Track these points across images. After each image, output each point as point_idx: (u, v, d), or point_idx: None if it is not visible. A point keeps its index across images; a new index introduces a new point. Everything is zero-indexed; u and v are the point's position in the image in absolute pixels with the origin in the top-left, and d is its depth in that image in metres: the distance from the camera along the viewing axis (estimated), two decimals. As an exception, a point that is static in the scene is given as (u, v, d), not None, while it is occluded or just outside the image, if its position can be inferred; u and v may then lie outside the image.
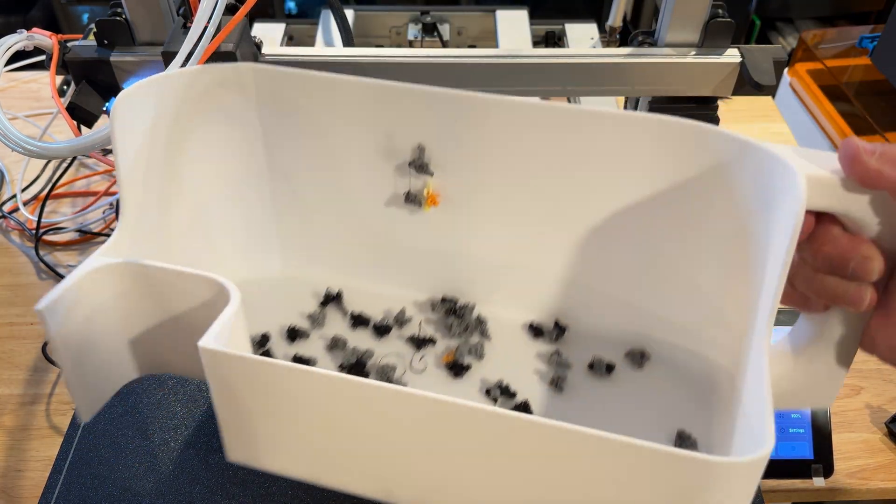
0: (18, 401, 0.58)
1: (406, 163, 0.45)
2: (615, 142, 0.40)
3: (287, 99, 0.44)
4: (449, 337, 0.48)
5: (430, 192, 0.45)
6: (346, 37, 0.77)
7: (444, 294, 0.50)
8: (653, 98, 0.67)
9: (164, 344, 0.40)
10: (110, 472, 0.45)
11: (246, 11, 0.51)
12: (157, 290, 0.37)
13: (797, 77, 1.26)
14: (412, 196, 0.46)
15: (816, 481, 0.53)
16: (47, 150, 0.52)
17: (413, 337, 0.47)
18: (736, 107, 0.88)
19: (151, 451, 0.46)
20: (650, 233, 0.43)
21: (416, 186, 0.46)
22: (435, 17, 0.84)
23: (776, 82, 0.60)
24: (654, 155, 0.40)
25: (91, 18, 1.40)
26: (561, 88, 0.64)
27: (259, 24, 0.83)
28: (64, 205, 0.77)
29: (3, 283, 0.68)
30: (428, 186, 0.45)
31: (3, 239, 0.73)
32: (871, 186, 0.31)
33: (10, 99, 0.90)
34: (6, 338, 0.64)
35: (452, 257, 0.48)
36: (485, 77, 0.63)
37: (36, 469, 0.53)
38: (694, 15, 0.61)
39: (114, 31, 0.59)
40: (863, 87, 1.22)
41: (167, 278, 0.37)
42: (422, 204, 0.46)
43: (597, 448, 0.28)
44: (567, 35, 0.84)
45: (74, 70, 0.60)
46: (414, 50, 0.69)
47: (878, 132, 1.11)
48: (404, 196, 0.46)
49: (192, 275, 0.36)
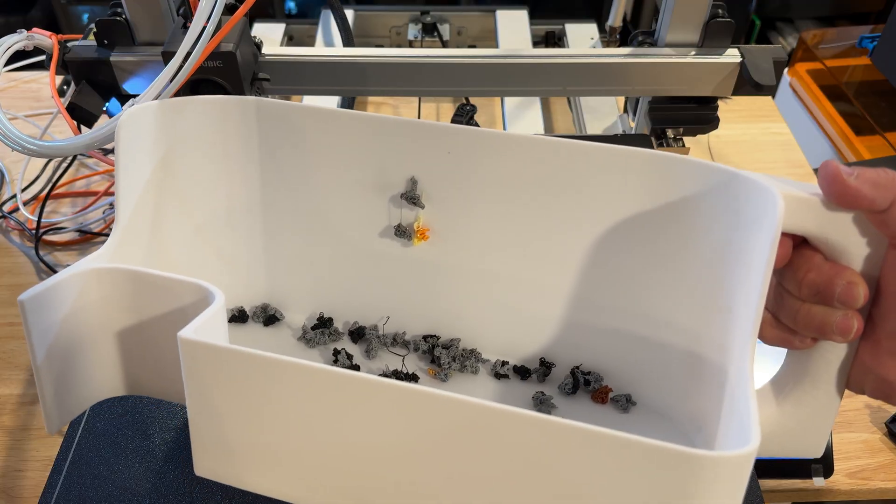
0: (18, 401, 0.58)
1: (397, 195, 0.45)
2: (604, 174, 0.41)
3: (284, 130, 0.45)
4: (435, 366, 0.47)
5: (419, 227, 0.46)
6: (346, 37, 0.77)
7: (430, 331, 0.49)
8: (653, 98, 0.67)
9: (143, 360, 0.39)
10: (110, 472, 0.45)
11: (245, 11, 0.51)
12: (141, 298, 0.37)
13: (797, 77, 1.26)
14: (402, 230, 0.46)
15: (816, 481, 0.53)
16: (47, 149, 0.52)
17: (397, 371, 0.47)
18: (736, 107, 0.88)
19: (151, 451, 0.46)
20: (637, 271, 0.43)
21: (406, 219, 0.46)
22: (435, 17, 0.84)
23: (776, 82, 0.60)
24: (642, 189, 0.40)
25: (91, 18, 1.40)
26: (561, 88, 0.64)
27: (259, 24, 0.83)
28: (64, 205, 0.77)
29: (3, 283, 0.68)
30: (418, 220, 0.45)
31: (3, 239, 0.73)
32: (849, 206, 0.31)
33: (10, 99, 0.90)
34: (6, 338, 0.64)
35: (440, 295, 0.48)
36: (485, 77, 0.63)
37: (36, 469, 0.53)
38: (694, 15, 0.61)
39: (114, 31, 0.59)
40: (863, 87, 1.22)
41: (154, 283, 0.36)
42: (411, 237, 0.46)
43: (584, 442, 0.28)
44: (567, 35, 0.85)
45: (74, 70, 0.60)
46: (414, 50, 0.69)
47: (878, 132, 1.11)
48: (394, 229, 0.46)
49: (179, 280, 0.36)
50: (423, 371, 0.47)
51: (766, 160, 0.82)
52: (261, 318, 0.49)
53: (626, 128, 0.76)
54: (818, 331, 0.33)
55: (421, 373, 0.47)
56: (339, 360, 0.47)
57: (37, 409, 0.58)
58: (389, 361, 0.48)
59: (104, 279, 0.37)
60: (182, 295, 0.36)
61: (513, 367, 0.47)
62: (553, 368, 0.47)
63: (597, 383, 0.46)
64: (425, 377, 0.47)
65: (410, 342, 0.49)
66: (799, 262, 0.33)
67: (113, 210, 0.75)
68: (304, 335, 0.48)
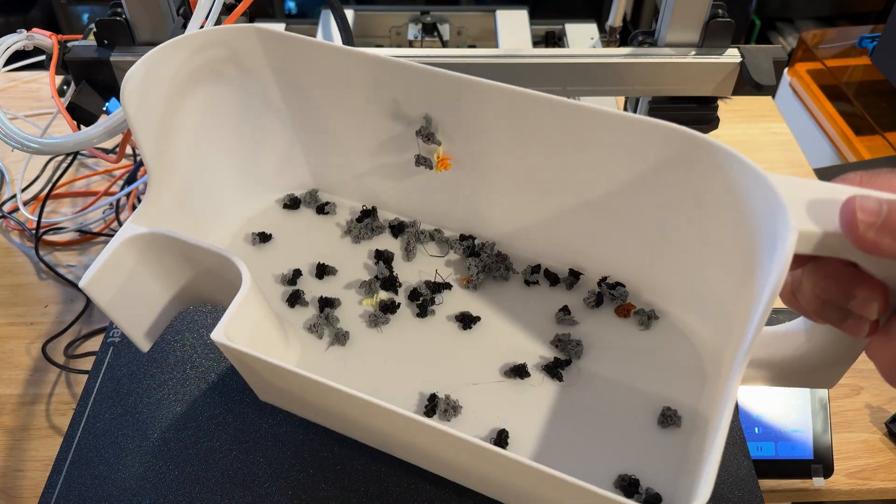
0: (18, 401, 0.58)
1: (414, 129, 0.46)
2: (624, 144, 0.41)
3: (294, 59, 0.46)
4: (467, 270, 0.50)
5: (440, 156, 0.46)
6: (346, 37, 0.77)
7: (467, 231, 0.51)
8: (653, 98, 0.67)
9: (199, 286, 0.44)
10: (110, 472, 0.45)
11: (243, 10, 0.51)
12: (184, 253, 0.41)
13: (797, 77, 1.26)
14: (422, 159, 0.47)
15: (816, 481, 0.53)
16: (48, 147, 0.52)
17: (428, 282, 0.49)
18: (736, 107, 0.88)
19: (151, 451, 0.46)
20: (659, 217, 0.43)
21: (425, 150, 0.47)
22: (435, 17, 0.84)
23: (776, 82, 0.60)
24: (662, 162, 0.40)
25: (91, 18, 1.40)
26: (561, 88, 0.64)
27: (259, 24, 0.83)
28: (64, 205, 0.77)
29: (3, 283, 0.68)
30: (438, 150, 0.46)
31: (3, 239, 0.73)
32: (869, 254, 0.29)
33: (10, 99, 0.90)
34: (6, 338, 0.64)
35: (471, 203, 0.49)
36: (485, 77, 0.63)
37: (36, 469, 0.53)
38: (694, 15, 0.61)
39: (114, 31, 0.59)
40: (863, 87, 1.22)
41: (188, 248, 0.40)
42: (433, 167, 0.47)
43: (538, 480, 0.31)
44: (567, 35, 0.84)
45: (74, 70, 0.60)
46: (414, 50, 0.69)
47: (878, 132, 1.11)
48: (415, 159, 0.47)
49: (209, 250, 0.39)
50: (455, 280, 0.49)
51: (766, 160, 0.82)
52: (312, 204, 0.53)
53: (626, 128, 0.76)
54: (830, 322, 0.33)
55: (454, 281, 0.49)
56: (378, 266, 0.49)
57: (37, 409, 0.58)
58: (425, 265, 0.50)
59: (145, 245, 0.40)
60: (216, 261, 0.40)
61: (544, 272, 0.49)
62: (581, 276, 0.48)
63: (621, 299, 0.47)
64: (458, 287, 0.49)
65: (448, 240, 0.51)
66: (822, 262, 0.32)
67: (113, 210, 0.75)
68: (350, 231, 0.52)
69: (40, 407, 0.58)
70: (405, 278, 0.50)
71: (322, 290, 0.49)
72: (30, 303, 0.67)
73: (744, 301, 0.37)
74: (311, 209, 0.53)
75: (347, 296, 0.49)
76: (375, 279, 0.49)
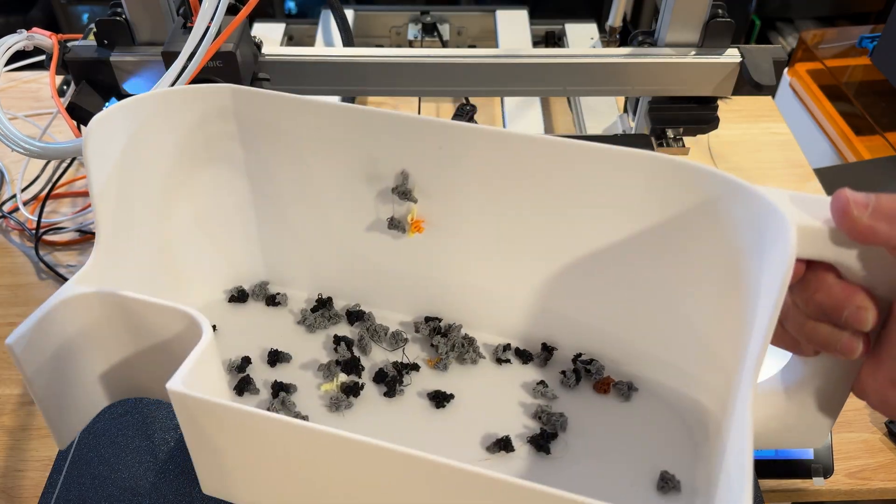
0: (18, 401, 0.58)
1: (388, 188, 0.44)
2: (602, 176, 0.40)
3: (268, 121, 0.44)
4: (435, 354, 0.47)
5: (414, 219, 0.45)
6: (346, 37, 0.77)
7: (432, 314, 0.49)
8: (653, 98, 0.67)
9: (139, 370, 0.39)
10: (110, 472, 0.45)
11: (248, 12, 0.51)
12: (131, 318, 0.37)
13: (797, 77, 1.26)
14: (396, 222, 0.45)
15: (816, 481, 0.53)
16: (48, 150, 0.52)
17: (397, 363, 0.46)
18: (736, 107, 0.88)
19: (151, 451, 0.46)
20: (638, 266, 0.42)
21: (399, 212, 0.45)
22: (435, 17, 0.84)
23: (776, 82, 0.60)
24: (643, 191, 0.39)
25: (91, 18, 1.40)
26: (561, 88, 0.64)
27: (259, 24, 0.83)
28: (64, 205, 0.77)
29: (3, 283, 0.68)
30: (412, 213, 0.44)
31: (3, 239, 0.73)
32: (863, 242, 0.30)
33: (10, 99, 0.90)
34: (6, 338, 0.64)
35: (437, 282, 0.47)
36: (485, 77, 0.63)
37: (36, 469, 0.53)
38: (694, 15, 0.61)
39: (114, 31, 0.59)
40: (863, 87, 1.22)
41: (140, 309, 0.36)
42: (406, 230, 0.45)
43: None
44: (567, 35, 0.85)
45: (74, 70, 0.60)
46: (414, 50, 0.69)
47: (878, 132, 1.11)
48: (388, 222, 0.45)
49: (164, 306, 0.35)
50: (423, 361, 0.47)
51: (766, 160, 0.81)
52: (261, 296, 0.50)
53: (625, 128, 0.76)
54: (822, 346, 0.33)
55: (421, 362, 0.47)
56: (339, 350, 0.46)
57: (37, 409, 0.58)
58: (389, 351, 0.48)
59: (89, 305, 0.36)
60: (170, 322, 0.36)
61: (515, 350, 0.47)
62: (555, 352, 0.47)
63: (598, 374, 0.46)
64: (426, 368, 0.47)
65: (412, 324, 0.49)
66: (810, 278, 0.32)
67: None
68: (304, 320, 0.49)
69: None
70: (369, 360, 0.47)
71: (275, 376, 0.45)
72: (30, 303, 0.67)
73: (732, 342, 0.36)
74: (259, 301, 0.50)
75: (304, 379, 0.45)
76: (336, 363, 0.46)
